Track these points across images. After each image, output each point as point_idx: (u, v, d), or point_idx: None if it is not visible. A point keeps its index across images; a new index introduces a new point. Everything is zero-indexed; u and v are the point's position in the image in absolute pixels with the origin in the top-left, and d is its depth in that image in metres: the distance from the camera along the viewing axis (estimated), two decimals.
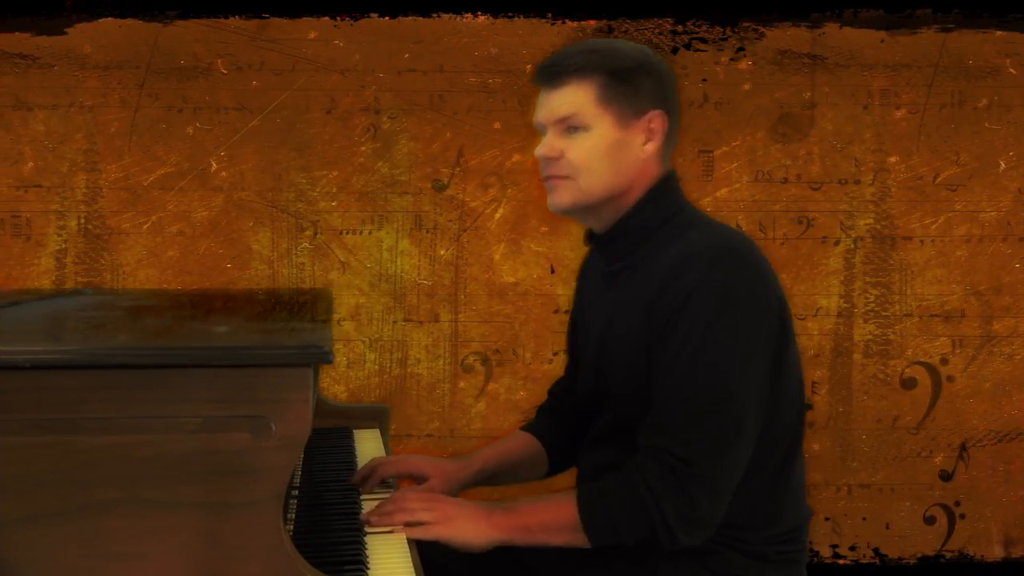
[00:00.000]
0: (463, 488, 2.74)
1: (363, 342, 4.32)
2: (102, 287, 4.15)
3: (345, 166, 4.28)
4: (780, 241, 4.40)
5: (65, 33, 4.15)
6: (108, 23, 4.16)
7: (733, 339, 2.31)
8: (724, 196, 4.39)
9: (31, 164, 4.14)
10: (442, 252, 4.31)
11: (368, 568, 2.14)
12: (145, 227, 4.20)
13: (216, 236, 4.23)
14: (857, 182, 4.42)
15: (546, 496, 2.42)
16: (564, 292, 4.24)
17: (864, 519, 4.54)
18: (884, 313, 4.45)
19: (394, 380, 4.34)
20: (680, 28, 4.36)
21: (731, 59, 4.36)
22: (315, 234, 4.28)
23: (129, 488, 1.88)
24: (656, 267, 2.40)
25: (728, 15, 4.36)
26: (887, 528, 4.55)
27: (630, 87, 2.45)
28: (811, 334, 4.43)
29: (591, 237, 2.60)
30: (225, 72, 4.22)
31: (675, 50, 4.36)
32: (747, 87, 4.38)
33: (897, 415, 4.48)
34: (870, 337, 4.45)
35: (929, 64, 4.39)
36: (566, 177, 2.47)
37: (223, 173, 4.24)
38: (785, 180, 4.40)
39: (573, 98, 2.45)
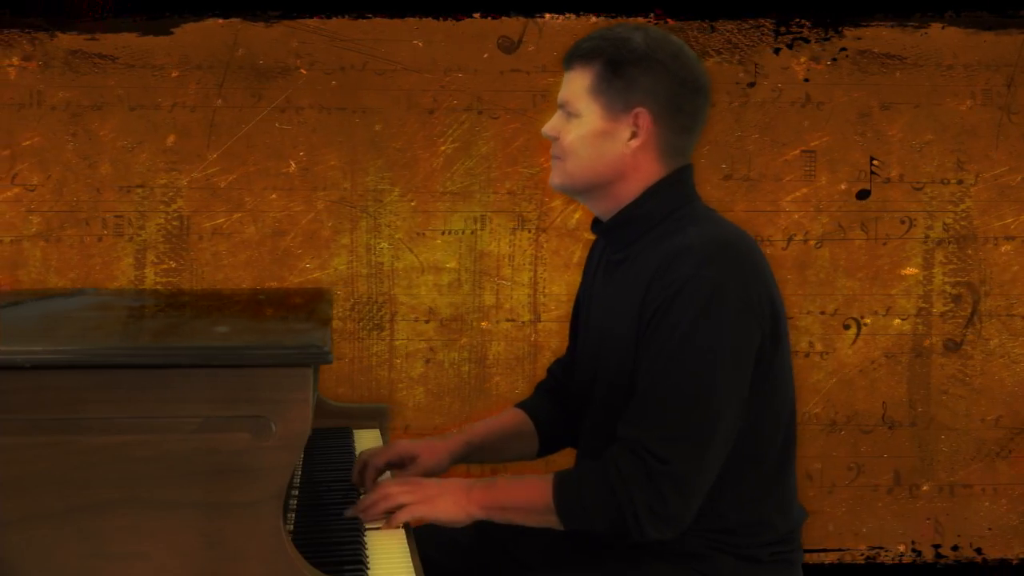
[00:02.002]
0: (454, 463, 2.74)
1: (441, 342, 4.32)
2: (181, 287, 4.19)
3: (425, 165, 4.28)
4: (882, 240, 4.34)
5: (171, 33, 4.20)
6: (209, 23, 4.20)
7: (719, 336, 2.28)
8: (814, 195, 4.33)
9: (110, 164, 4.20)
10: (521, 252, 4.29)
11: (368, 568, 2.13)
12: (224, 226, 4.24)
13: (295, 235, 4.26)
14: (944, 182, 4.35)
15: (525, 477, 2.42)
16: None
17: (966, 519, 4.47)
18: (964, 313, 4.37)
19: (473, 380, 4.33)
20: (782, 29, 4.31)
21: (833, 59, 4.30)
22: (394, 234, 4.28)
23: (129, 488, 1.89)
24: (652, 259, 2.39)
25: (830, 15, 4.31)
26: (989, 529, 4.46)
27: (622, 80, 2.43)
28: (890, 334, 4.36)
29: (596, 224, 2.59)
30: (306, 72, 4.24)
31: (777, 50, 4.32)
32: (845, 86, 4.32)
33: (999, 415, 4.40)
34: (948, 337, 4.37)
35: (1008, 63, 4.31)
36: (559, 158, 2.49)
37: (302, 173, 4.26)
38: (885, 181, 4.34)
39: (573, 85, 2.47)
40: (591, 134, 2.44)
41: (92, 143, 4.19)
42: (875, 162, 4.34)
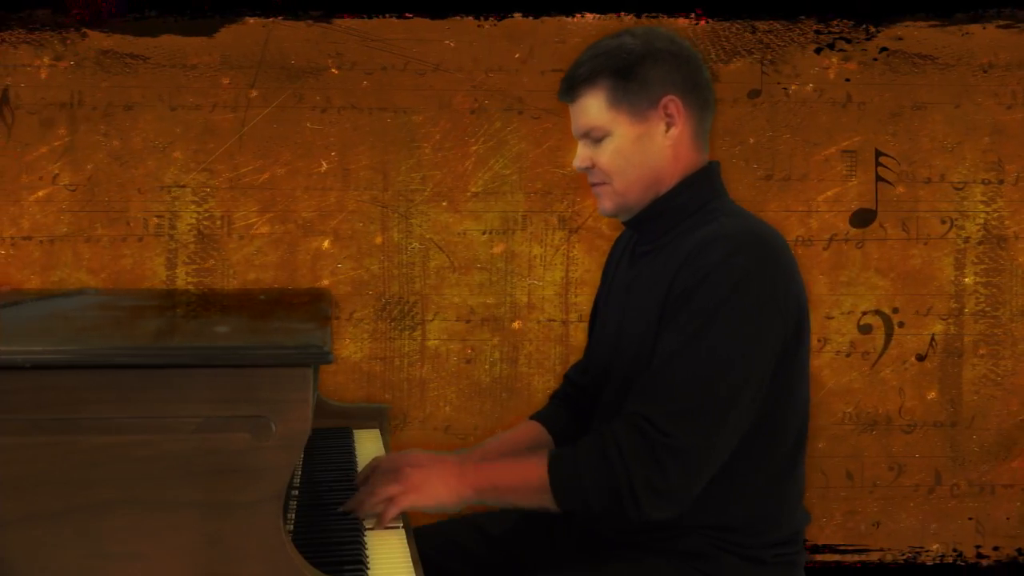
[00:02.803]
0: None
1: (474, 342, 4.31)
2: (212, 287, 4.20)
3: (457, 165, 4.28)
4: (924, 240, 4.31)
5: (215, 34, 4.21)
6: (243, 23, 4.21)
7: (742, 324, 2.28)
8: (846, 194, 4.31)
9: (142, 164, 4.21)
10: (553, 251, 4.28)
11: (368, 568, 2.13)
12: (256, 226, 4.24)
13: (326, 235, 4.26)
14: (984, 182, 4.31)
15: (519, 455, 2.40)
16: None
17: (1006, 519, 4.44)
18: (995, 313, 4.32)
19: (505, 380, 4.32)
20: (823, 28, 4.29)
21: (874, 59, 4.28)
22: (425, 233, 4.28)
23: (129, 488, 1.89)
24: (682, 248, 2.39)
25: (871, 15, 4.28)
26: None
27: (636, 82, 2.44)
28: (921, 334, 4.33)
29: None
30: (336, 72, 4.24)
31: (819, 50, 4.29)
32: (884, 86, 4.29)
33: None
34: (980, 336, 4.33)
35: None
36: (603, 184, 2.50)
37: (334, 173, 4.26)
38: (927, 181, 4.31)
39: (588, 110, 2.47)
40: (628, 143, 2.45)
41: (124, 143, 4.21)
42: (883, 158, 4.31)
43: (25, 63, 4.16)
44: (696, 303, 2.28)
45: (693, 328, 2.27)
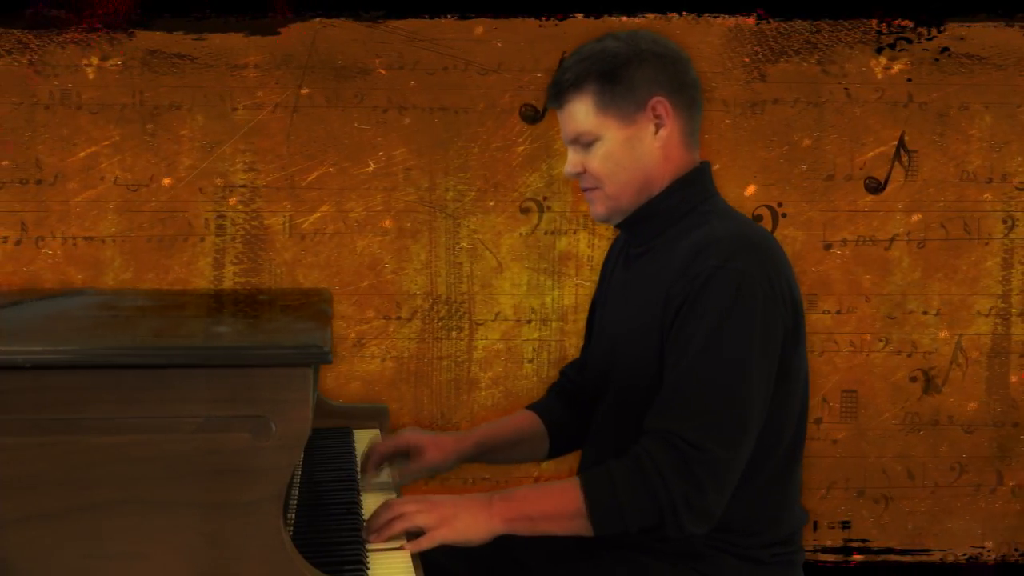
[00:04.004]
0: (461, 462, 2.73)
1: (520, 343, 4.30)
2: (259, 287, 4.21)
3: (504, 166, 4.27)
4: (984, 240, 4.27)
5: (278, 33, 4.23)
6: (302, 24, 4.23)
7: (749, 326, 2.27)
8: (894, 195, 4.26)
9: (189, 164, 4.22)
10: (600, 252, 4.26)
11: (368, 568, 2.12)
12: (303, 227, 4.25)
13: (373, 236, 4.26)
14: None
15: (548, 483, 2.37)
16: None
17: None
18: None
19: (552, 380, 4.29)
20: (884, 28, 4.25)
21: (935, 59, 4.23)
22: (472, 234, 4.27)
23: (129, 488, 1.89)
24: (676, 252, 2.39)
25: (933, 14, 4.24)
26: None
27: (623, 85, 2.43)
28: (970, 334, 4.28)
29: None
30: (385, 72, 4.24)
31: (879, 50, 4.25)
32: (931, 86, 4.25)
33: None
34: None
35: None
36: (595, 188, 2.49)
37: (381, 173, 4.26)
38: (988, 181, 4.25)
39: (576, 116, 2.47)
40: (618, 146, 2.45)
41: (170, 143, 4.23)
42: (904, 152, 4.26)
43: (73, 63, 4.19)
44: (701, 310, 2.28)
45: (702, 337, 2.26)
